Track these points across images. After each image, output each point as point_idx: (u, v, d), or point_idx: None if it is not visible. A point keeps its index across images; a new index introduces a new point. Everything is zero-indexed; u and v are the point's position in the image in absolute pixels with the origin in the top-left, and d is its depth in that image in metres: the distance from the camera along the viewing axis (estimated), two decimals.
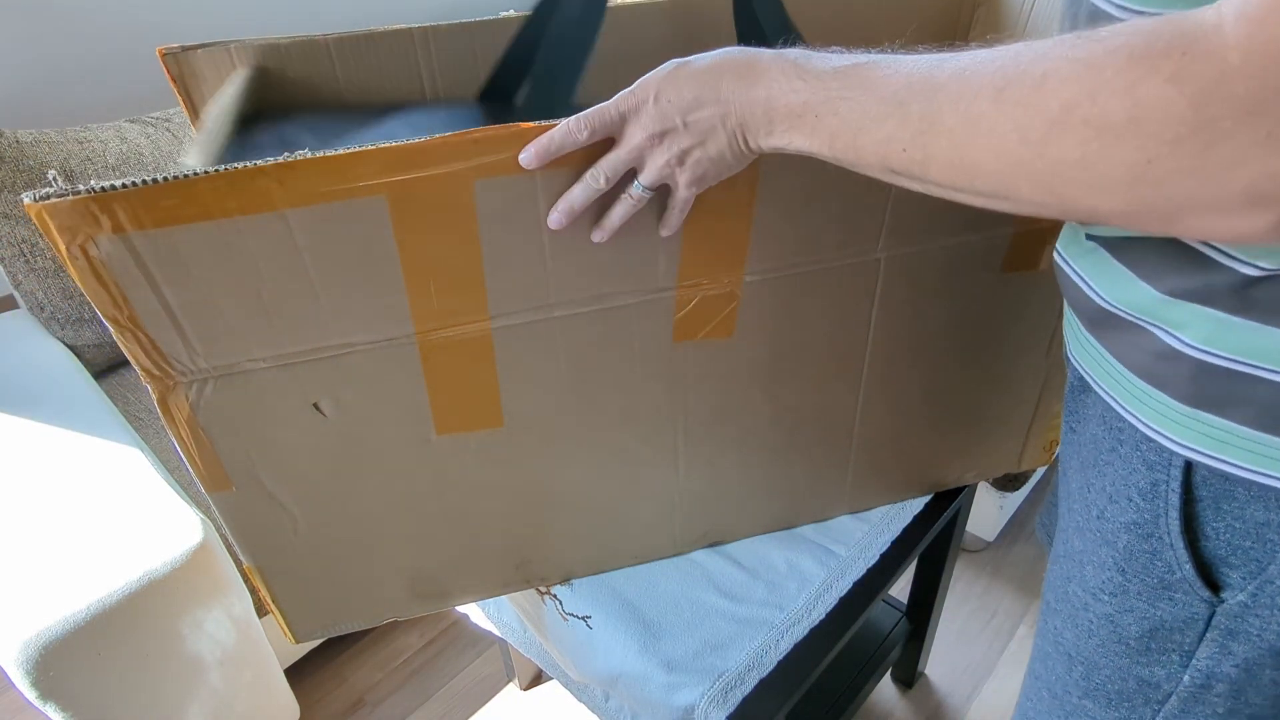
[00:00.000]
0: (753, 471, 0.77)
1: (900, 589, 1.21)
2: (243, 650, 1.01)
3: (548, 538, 0.75)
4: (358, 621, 0.75)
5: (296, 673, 1.31)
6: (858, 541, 0.85)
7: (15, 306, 1.38)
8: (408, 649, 1.36)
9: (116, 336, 0.49)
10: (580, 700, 0.92)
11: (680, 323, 0.63)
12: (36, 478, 0.99)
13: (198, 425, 0.55)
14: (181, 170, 0.45)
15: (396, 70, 0.76)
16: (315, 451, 0.60)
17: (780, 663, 0.75)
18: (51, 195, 0.43)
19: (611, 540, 0.79)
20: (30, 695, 0.82)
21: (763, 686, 0.74)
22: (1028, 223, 0.67)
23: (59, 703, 0.84)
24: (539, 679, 1.30)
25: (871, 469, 0.83)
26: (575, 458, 0.69)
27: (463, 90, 0.78)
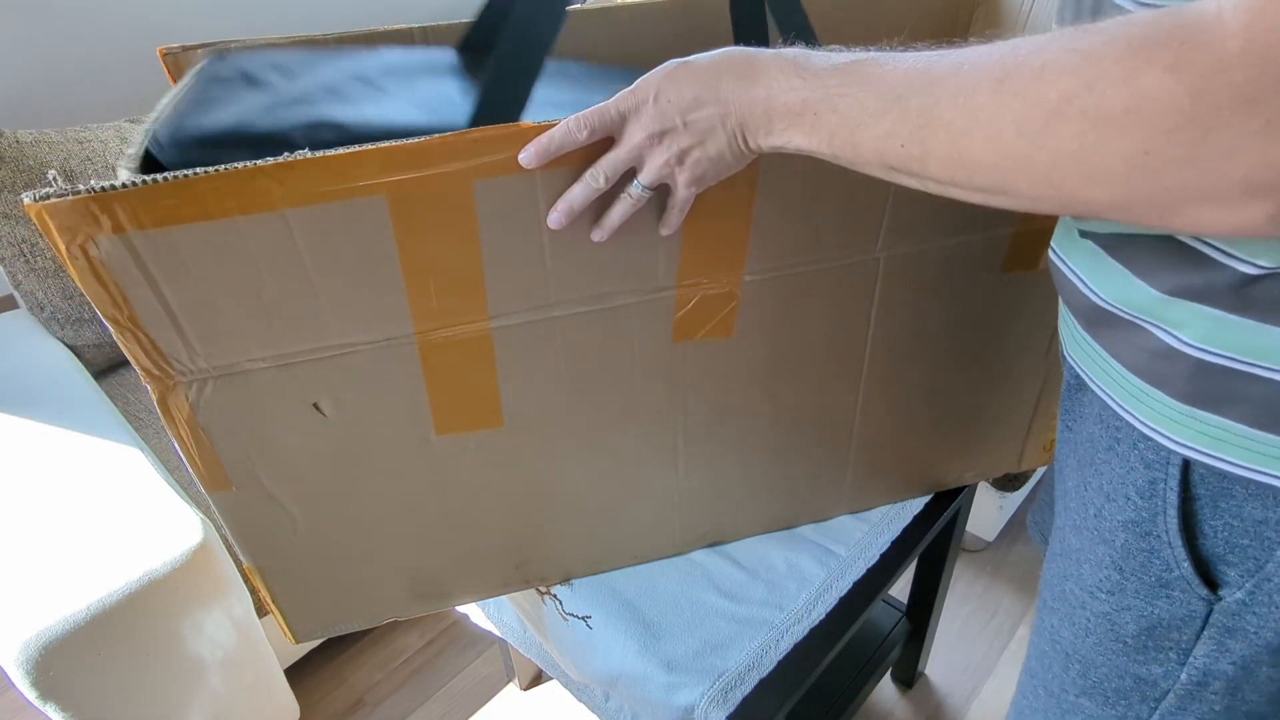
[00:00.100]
0: (752, 471, 0.77)
1: (900, 589, 1.21)
2: (243, 650, 1.01)
3: (547, 538, 0.75)
4: (357, 622, 0.75)
5: (296, 673, 1.31)
6: (858, 541, 0.85)
7: (15, 306, 1.38)
8: (408, 649, 1.36)
9: (116, 336, 0.49)
10: (580, 700, 0.92)
11: (680, 322, 0.63)
12: (36, 478, 0.98)
13: (197, 425, 0.55)
14: (181, 171, 0.45)
15: None
16: (315, 451, 0.60)
17: (780, 663, 0.75)
18: (51, 195, 0.43)
19: (611, 540, 0.78)
20: (30, 695, 0.82)
21: (763, 686, 0.74)
22: (1027, 222, 0.67)
23: (59, 703, 0.84)
24: (539, 679, 1.30)
25: (871, 469, 0.83)
26: (575, 458, 0.69)
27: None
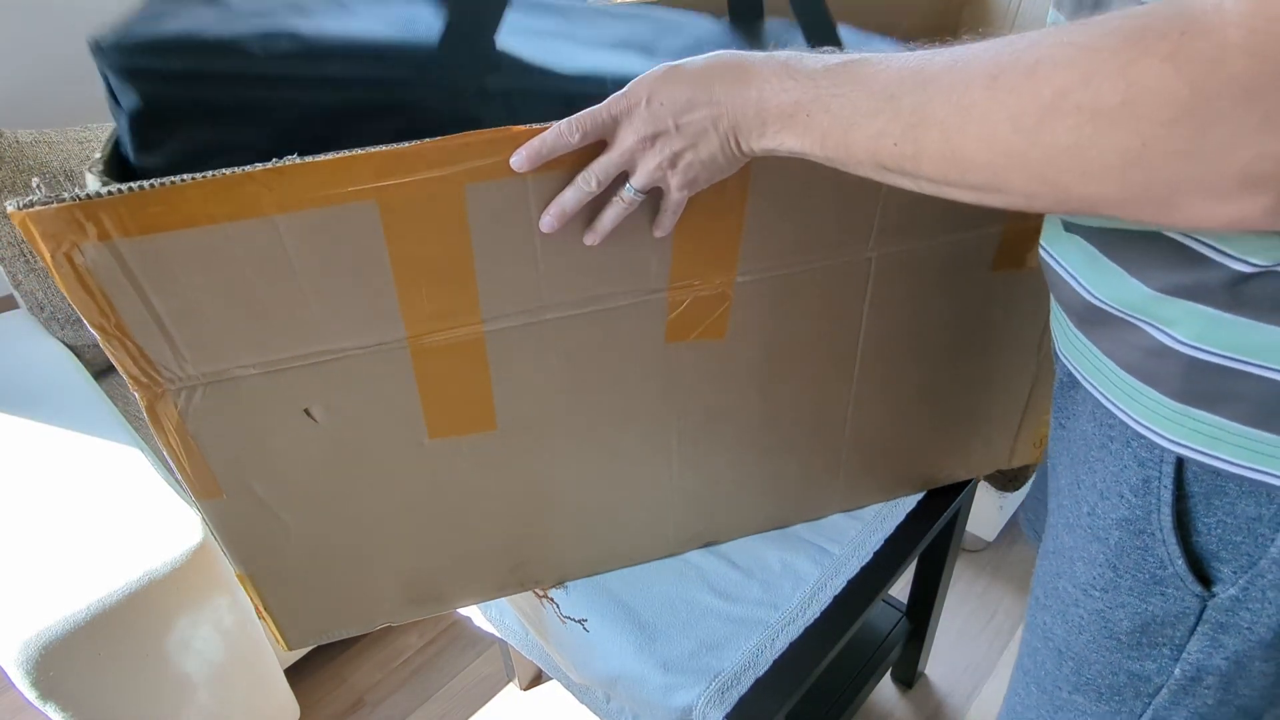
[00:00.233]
0: (747, 471, 0.77)
1: (900, 589, 1.21)
2: (242, 650, 1.01)
3: (542, 540, 0.75)
4: (351, 628, 0.75)
5: (296, 673, 1.31)
6: (851, 540, 0.85)
7: (15, 306, 1.38)
8: (408, 649, 1.36)
9: (104, 344, 0.49)
10: (582, 702, 0.92)
11: (673, 324, 0.63)
12: (36, 478, 0.99)
13: (187, 433, 0.55)
14: (168, 177, 0.45)
15: None
16: (307, 458, 0.60)
17: (776, 662, 0.75)
18: (36, 203, 0.42)
19: (606, 542, 0.78)
20: (30, 695, 0.82)
21: (759, 686, 0.74)
22: (1017, 220, 0.67)
23: (59, 703, 0.85)
24: (539, 679, 1.30)
25: (864, 467, 0.83)
26: (569, 460, 0.69)
27: None
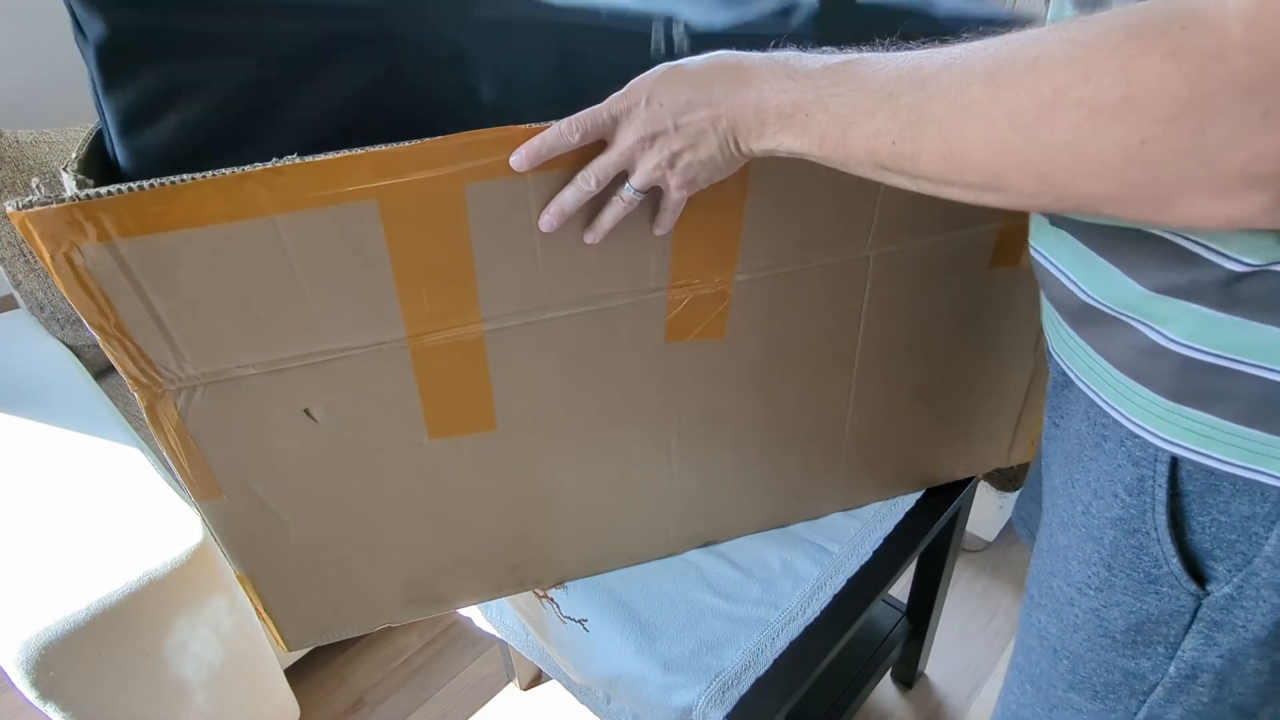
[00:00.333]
0: (746, 470, 0.77)
1: (900, 589, 1.21)
2: (242, 650, 1.01)
3: (542, 540, 0.75)
4: (351, 629, 0.75)
5: (296, 673, 1.31)
6: (851, 538, 0.85)
7: (15, 306, 1.38)
8: (408, 649, 1.36)
9: (103, 345, 0.49)
10: (583, 702, 0.92)
11: (672, 323, 0.63)
12: (36, 478, 0.99)
13: (186, 433, 0.55)
14: (168, 177, 0.45)
15: None
16: (306, 457, 0.60)
17: (776, 661, 0.75)
18: (36, 203, 0.42)
19: (606, 541, 0.78)
20: (30, 695, 0.82)
21: (760, 686, 0.73)
22: (1014, 219, 0.67)
23: (59, 703, 0.85)
24: (539, 679, 1.30)
25: (863, 466, 0.83)
26: (569, 459, 0.69)
27: None
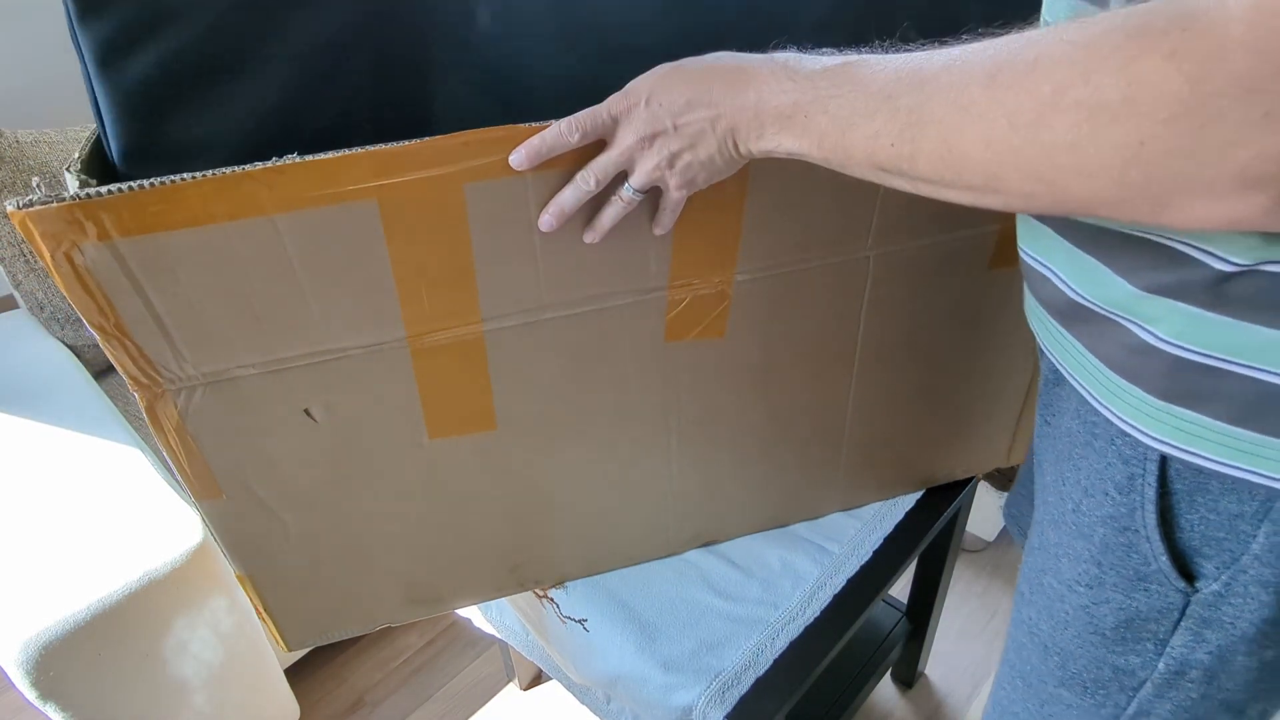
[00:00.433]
0: (746, 470, 0.77)
1: (900, 589, 1.21)
2: (242, 650, 1.01)
3: (542, 540, 0.75)
4: (350, 629, 0.75)
5: (296, 673, 1.31)
6: (850, 538, 0.85)
7: (15, 306, 1.38)
8: (408, 649, 1.36)
9: (103, 344, 0.49)
10: (583, 703, 0.92)
11: (672, 323, 0.63)
12: (36, 478, 0.99)
13: (186, 433, 0.55)
14: (167, 177, 0.45)
15: None
16: (306, 457, 0.60)
17: (776, 661, 0.75)
18: (36, 202, 0.42)
19: (606, 541, 0.78)
20: (30, 695, 0.82)
21: (760, 685, 0.73)
22: (1013, 219, 0.66)
23: (59, 703, 0.85)
24: (539, 679, 1.30)
25: (863, 466, 0.83)
26: (568, 459, 0.69)
27: None
